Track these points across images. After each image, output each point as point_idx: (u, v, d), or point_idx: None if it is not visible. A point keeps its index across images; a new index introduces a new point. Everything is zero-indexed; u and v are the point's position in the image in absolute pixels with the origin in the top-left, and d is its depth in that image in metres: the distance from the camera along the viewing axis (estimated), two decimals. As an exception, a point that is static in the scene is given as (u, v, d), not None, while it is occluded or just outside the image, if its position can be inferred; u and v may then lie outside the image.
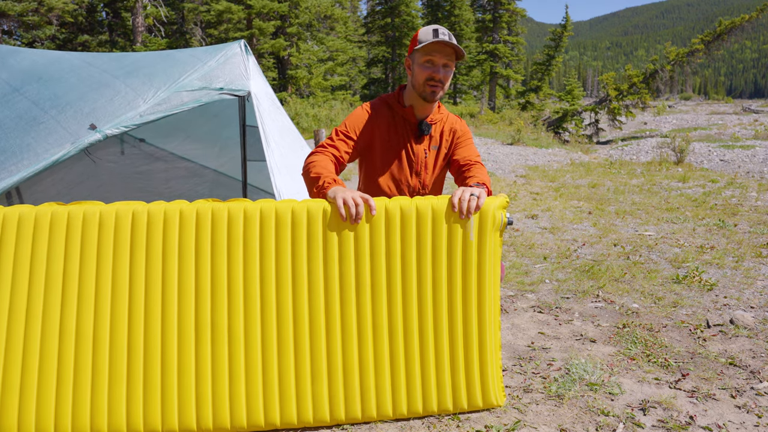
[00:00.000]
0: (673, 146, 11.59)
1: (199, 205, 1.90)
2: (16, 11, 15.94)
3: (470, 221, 1.97)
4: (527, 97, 27.38)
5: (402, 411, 1.97)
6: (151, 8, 20.15)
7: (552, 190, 7.86)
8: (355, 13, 37.43)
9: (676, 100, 61.76)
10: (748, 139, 16.81)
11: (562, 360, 2.58)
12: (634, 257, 4.36)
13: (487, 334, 2.00)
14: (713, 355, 2.63)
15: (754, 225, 5.37)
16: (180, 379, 1.85)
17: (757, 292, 3.55)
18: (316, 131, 6.91)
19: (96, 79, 3.12)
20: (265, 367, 1.88)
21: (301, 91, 22.39)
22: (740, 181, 8.48)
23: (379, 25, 27.65)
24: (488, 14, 27.75)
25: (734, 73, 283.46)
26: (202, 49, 3.32)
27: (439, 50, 2.12)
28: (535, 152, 14.26)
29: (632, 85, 21.92)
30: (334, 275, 1.92)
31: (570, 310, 3.28)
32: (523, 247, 4.71)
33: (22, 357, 1.78)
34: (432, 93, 2.17)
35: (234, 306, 1.88)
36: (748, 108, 38.19)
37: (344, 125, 2.22)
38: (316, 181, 1.99)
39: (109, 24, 22.53)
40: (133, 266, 1.85)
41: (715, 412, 2.14)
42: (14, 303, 1.79)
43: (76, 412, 1.80)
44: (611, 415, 2.09)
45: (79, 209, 1.86)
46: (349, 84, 30.86)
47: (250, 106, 3.29)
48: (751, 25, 20.53)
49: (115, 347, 1.83)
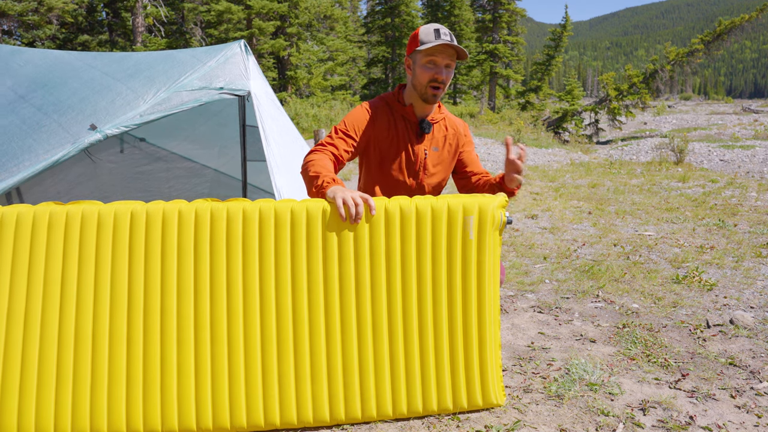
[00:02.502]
0: (672, 146, 11.59)
1: (197, 205, 1.90)
2: (16, 11, 15.94)
3: (470, 220, 1.97)
4: (527, 97, 27.39)
5: (402, 411, 1.97)
6: (151, 8, 20.15)
7: (552, 190, 7.86)
8: (355, 13, 37.43)
9: (676, 100, 61.77)
10: (747, 139, 16.81)
11: (562, 360, 2.58)
12: (634, 257, 4.36)
13: (487, 334, 2.00)
14: (713, 355, 2.63)
15: (754, 225, 5.37)
16: (179, 379, 1.85)
17: (757, 292, 3.55)
18: (316, 131, 6.91)
19: (98, 82, 3.14)
20: (264, 367, 1.88)
21: (301, 91, 22.38)
22: (740, 181, 8.48)
23: (379, 25, 27.64)
24: (488, 14, 27.73)
25: (734, 73, 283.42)
26: (202, 50, 3.33)
27: (441, 51, 2.12)
28: (535, 152, 14.26)
29: (632, 85, 21.93)
30: (333, 275, 1.92)
31: (570, 310, 3.28)
32: (523, 247, 4.71)
33: (21, 357, 1.78)
34: (434, 96, 2.17)
35: (233, 306, 1.87)
36: (748, 108, 38.20)
37: (344, 123, 2.21)
38: (315, 179, 1.97)
39: (109, 24, 22.52)
40: (132, 266, 1.85)
41: (715, 412, 2.14)
42: (13, 303, 1.79)
43: (76, 412, 1.80)
44: (611, 415, 2.09)
45: (77, 209, 1.85)
46: (349, 84, 30.85)
47: (250, 106, 3.29)
48: (751, 25, 20.54)
49: (114, 347, 1.82)
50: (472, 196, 2.02)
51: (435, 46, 2.09)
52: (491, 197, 2.02)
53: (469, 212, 1.97)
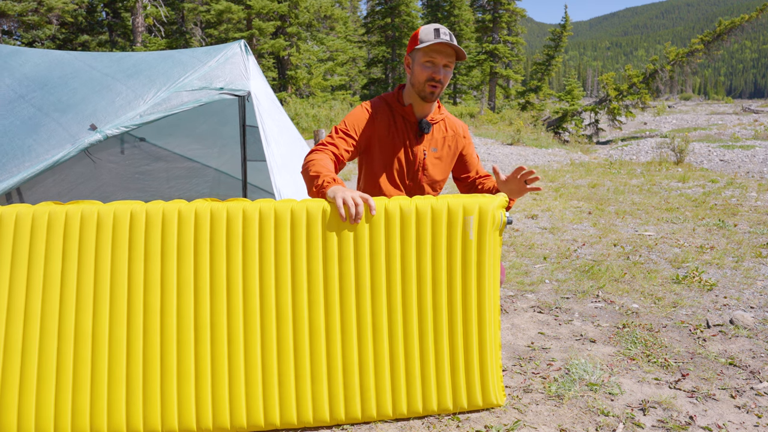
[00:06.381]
0: (672, 146, 11.59)
1: (197, 205, 1.90)
2: (16, 11, 15.94)
3: (470, 220, 1.97)
4: (527, 97, 27.39)
5: (402, 411, 1.97)
6: (151, 8, 20.15)
7: (552, 190, 7.86)
8: (355, 13, 37.44)
9: (676, 101, 61.77)
10: (747, 139, 16.81)
11: (562, 360, 2.58)
12: (634, 257, 4.36)
13: (487, 334, 2.00)
14: (713, 355, 2.63)
15: (753, 225, 5.37)
16: (179, 379, 1.84)
17: (757, 292, 3.55)
18: (316, 131, 6.90)
19: (98, 83, 3.14)
20: (264, 367, 1.88)
21: (301, 91, 22.38)
22: (740, 181, 8.48)
23: (379, 25, 27.63)
24: (488, 14, 27.74)
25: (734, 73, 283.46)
26: (202, 50, 3.33)
27: (440, 51, 2.12)
28: (534, 152, 14.26)
29: (632, 85, 21.93)
30: (333, 275, 1.92)
31: (570, 310, 3.28)
32: (523, 247, 4.71)
33: (21, 358, 1.78)
34: (431, 93, 2.18)
35: (233, 306, 1.87)
36: (748, 108, 38.19)
37: (344, 123, 2.21)
38: (315, 179, 1.98)
39: (109, 24, 22.53)
40: (132, 266, 1.85)
41: (715, 412, 2.14)
42: (12, 303, 1.79)
43: (76, 412, 1.80)
44: (611, 415, 2.09)
45: (76, 209, 1.85)
46: (349, 84, 30.85)
47: (250, 106, 3.29)
48: (751, 25, 20.54)
49: (114, 347, 1.82)
50: (472, 196, 2.02)
51: (434, 44, 2.10)
52: (491, 197, 2.02)
53: (469, 212, 1.97)
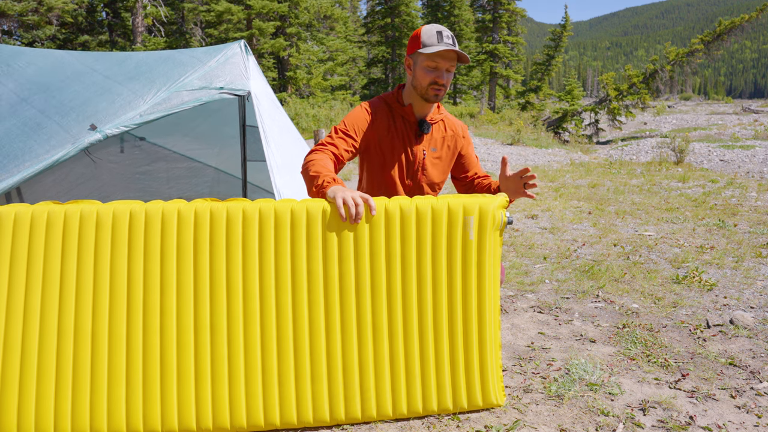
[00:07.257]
0: (672, 146, 11.59)
1: (197, 205, 1.89)
2: (16, 11, 15.94)
3: (470, 220, 1.97)
4: (527, 97, 27.38)
5: (402, 411, 1.97)
6: (151, 8, 20.15)
7: (552, 190, 7.86)
8: (355, 13, 37.45)
9: (676, 101, 61.78)
10: (747, 139, 16.81)
11: (562, 360, 2.58)
12: (634, 257, 4.36)
13: (487, 334, 2.00)
14: (713, 356, 2.63)
15: (753, 225, 5.37)
16: (179, 378, 1.84)
17: (757, 292, 3.55)
18: (315, 131, 6.90)
19: (99, 85, 3.16)
20: (264, 367, 1.88)
21: (301, 91, 22.38)
22: (740, 181, 8.48)
23: (379, 25, 27.63)
24: (488, 14, 27.75)
25: (734, 73, 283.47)
26: (202, 50, 3.33)
27: (444, 56, 2.11)
28: (535, 152, 14.26)
29: (632, 85, 21.93)
30: (333, 275, 1.92)
31: (570, 310, 3.28)
32: (523, 247, 4.71)
33: (21, 358, 1.78)
34: (435, 96, 2.17)
35: (233, 306, 1.87)
36: (748, 108, 38.20)
37: (344, 123, 2.21)
38: (315, 179, 1.97)
39: (108, 24, 22.53)
40: (131, 266, 1.84)
41: (715, 412, 2.14)
42: (11, 303, 1.79)
43: (76, 412, 1.79)
44: (611, 415, 2.09)
45: (75, 208, 1.85)
46: (349, 84, 30.85)
47: (250, 106, 3.30)
48: (751, 25, 20.55)
49: (114, 347, 1.82)
50: (472, 196, 2.02)
51: (438, 51, 2.09)
52: (492, 197, 2.02)
53: (470, 212, 1.97)
